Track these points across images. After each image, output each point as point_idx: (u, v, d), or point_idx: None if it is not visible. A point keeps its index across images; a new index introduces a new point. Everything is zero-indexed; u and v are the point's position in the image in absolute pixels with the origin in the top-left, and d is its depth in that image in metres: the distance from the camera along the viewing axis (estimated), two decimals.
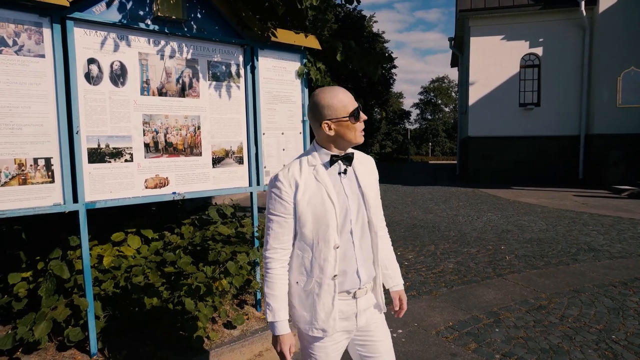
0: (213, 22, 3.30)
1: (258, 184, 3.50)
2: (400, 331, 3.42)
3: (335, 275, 1.57)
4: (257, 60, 3.50)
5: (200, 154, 3.21)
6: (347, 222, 1.59)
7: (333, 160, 1.59)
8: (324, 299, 1.57)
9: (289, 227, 1.55)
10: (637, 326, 3.41)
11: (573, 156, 14.42)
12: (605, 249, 5.70)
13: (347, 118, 1.54)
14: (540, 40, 14.51)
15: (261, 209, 9.99)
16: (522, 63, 14.82)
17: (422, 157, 52.86)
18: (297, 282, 1.60)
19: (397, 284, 1.86)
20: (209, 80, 3.28)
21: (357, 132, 1.58)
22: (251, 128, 3.47)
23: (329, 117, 1.54)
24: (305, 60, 3.80)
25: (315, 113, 1.57)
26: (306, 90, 3.83)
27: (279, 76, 3.69)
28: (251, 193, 3.51)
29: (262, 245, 3.53)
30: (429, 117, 56.14)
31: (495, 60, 14.85)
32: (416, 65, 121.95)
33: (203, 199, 4.29)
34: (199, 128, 3.21)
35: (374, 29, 34.45)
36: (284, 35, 3.57)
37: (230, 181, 3.36)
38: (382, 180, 17.47)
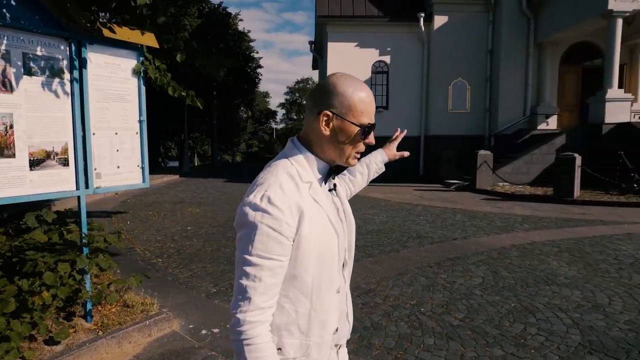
0: (31, 12, 3.02)
1: (87, 187, 3.31)
2: None
3: (337, 329, 1.23)
4: (86, 55, 3.30)
5: (13, 156, 2.91)
6: (343, 254, 1.23)
7: (329, 173, 1.19)
8: None
9: (282, 275, 1.09)
10: (442, 298, 4.06)
11: (415, 155, 16.26)
12: (429, 235, 6.61)
13: (358, 126, 1.12)
14: (388, 49, 16.02)
15: (90, 213, 9.16)
16: (373, 69, 16.20)
17: None
18: (280, 349, 1.14)
19: (381, 159, 1.77)
20: (25, 74, 2.99)
21: (353, 151, 1.17)
22: (78, 127, 3.26)
23: (334, 110, 1.11)
24: (142, 59, 3.69)
25: (320, 97, 1.13)
26: (144, 89, 3.72)
27: (112, 73, 3.52)
28: (79, 197, 3.29)
29: (98, 258, 3.34)
30: (295, 117, 57.89)
31: (350, 65, 15.94)
32: (283, 65, 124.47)
33: (26, 204, 3.88)
34: (11, 127, 2.91)
35: (240, 28, 34.24)
36: (117, 31, 3.42)
37: (52, 185, 3.12)
38: (245, 179, 17.56)
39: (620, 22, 11.43)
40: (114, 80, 3.53)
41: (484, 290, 4.26)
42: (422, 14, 15.02)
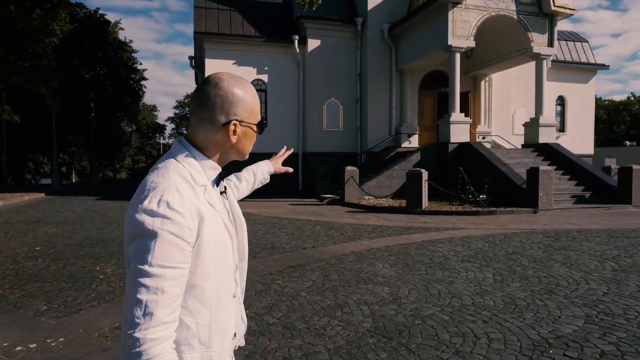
0: None
1: None
2: (62, 339, 3.60)
3: (235, 334, 1.22)
4: None
5: None
6: (235, 258, 1.23)
7: (221, 177, 1.19)
8: None
9: (184, 284, 1.02)
10: (269, 301, 4.48)
11: (295, 171, 16.95)
12: (282, 246, 7.10)
13: (257, 125, 1.18)
14: (266, 68, 16.63)
15: None
16: None
17: None
18: None
19: (267, 170, 1.80)
20: None
21: (251, 146, 1.21)
22: None
23: (240, 118, 1.12)
24: None
25: (222, 105, 1.10)
26: None
27: None
28: None
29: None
30: (185, 131, 56.17)
31: None
32: (176, 78, 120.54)
33: None
34: None
35: (121, 37, 32.71)
36: None
37: None
38: (121, 196, 16.76)
39: (458, 55, 13.36)
40: None
41: (310, 292, 4.78)
42: (297, 37, 15.92)
